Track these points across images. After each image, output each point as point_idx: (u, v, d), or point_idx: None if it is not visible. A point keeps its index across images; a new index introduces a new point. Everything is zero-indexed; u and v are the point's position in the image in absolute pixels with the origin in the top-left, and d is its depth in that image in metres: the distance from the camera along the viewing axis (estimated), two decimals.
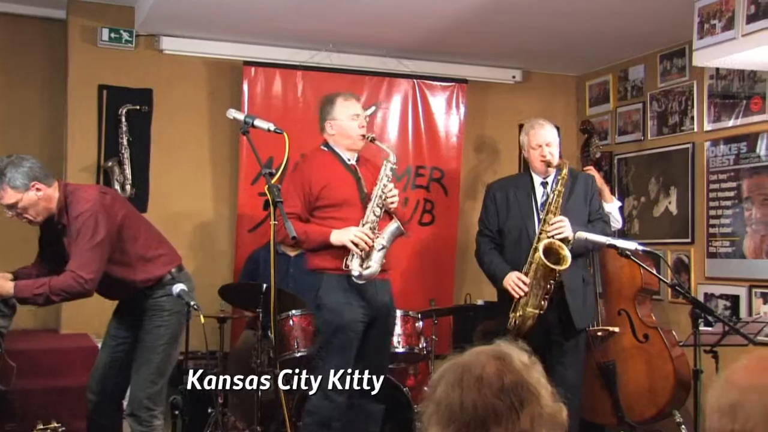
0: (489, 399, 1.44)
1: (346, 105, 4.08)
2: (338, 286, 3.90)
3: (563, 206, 4.17)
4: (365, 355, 4.00)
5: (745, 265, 4.93)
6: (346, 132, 4.05)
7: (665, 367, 4.75)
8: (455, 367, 1.51)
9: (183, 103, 5.56)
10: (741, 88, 5.00)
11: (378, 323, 4.01)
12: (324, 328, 3.94)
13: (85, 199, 3.59)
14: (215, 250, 5.59)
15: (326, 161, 4.05)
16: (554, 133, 4.36)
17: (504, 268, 4.27)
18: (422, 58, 5.95)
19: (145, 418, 3.73)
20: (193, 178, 5.59)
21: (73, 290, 3.51)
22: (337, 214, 3.92)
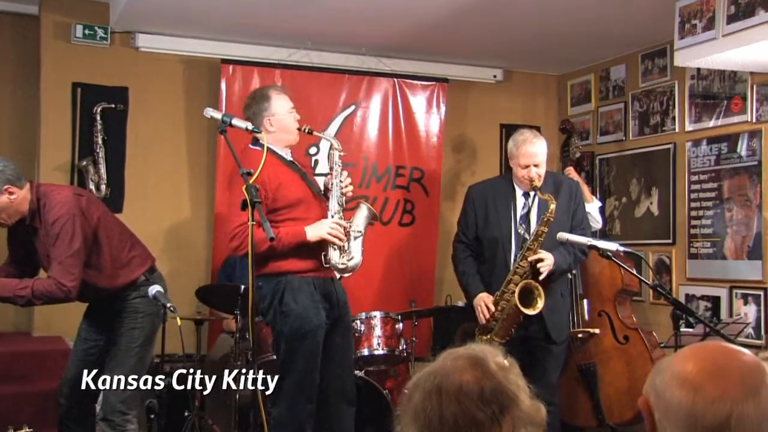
0: (470, 410, 1.43)
1: (283, 99, 3.94)
2: (305, 290, 3.79)
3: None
4: (333, 358, 3.95)
5: (726, 266, 4.98)
6: (286, 127, 3.92)
7: (646, 369, 4.77)
8: (432, 375, 1.48)
9: (159, 101, 5.53)
10: (722, 89, 5.05)
11: (341, 324, 3.96)
12: (290, 335, 3.78)
13: (60, 202, 3.55)
14: (192, 251, 5.57)
15: (269, 160, 3.74)
16: (545, 150, 4.22)
17: (475, 287, 4.26)
18: (403, 56, 5.95)
19: (119, 422, 3.70)
20: (170, 177, 5.56)
21: (54, 296, 3.50)
22: (294, 214, 3.80)
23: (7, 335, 5.32)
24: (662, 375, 1.35)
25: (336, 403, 3.99)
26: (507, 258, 4.23)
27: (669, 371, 1.35)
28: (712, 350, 1.40)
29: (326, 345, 3.90)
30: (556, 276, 4.16)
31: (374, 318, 4.68)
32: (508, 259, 4.22)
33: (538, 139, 4.23)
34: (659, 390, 1.35)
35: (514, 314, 4.10)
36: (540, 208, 4.23)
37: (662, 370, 1.37)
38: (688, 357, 1.36)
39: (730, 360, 1.35)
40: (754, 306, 4.79)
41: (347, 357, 4.03)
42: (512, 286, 4.09)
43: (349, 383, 4.03)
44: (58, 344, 4.89)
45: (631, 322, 4.98)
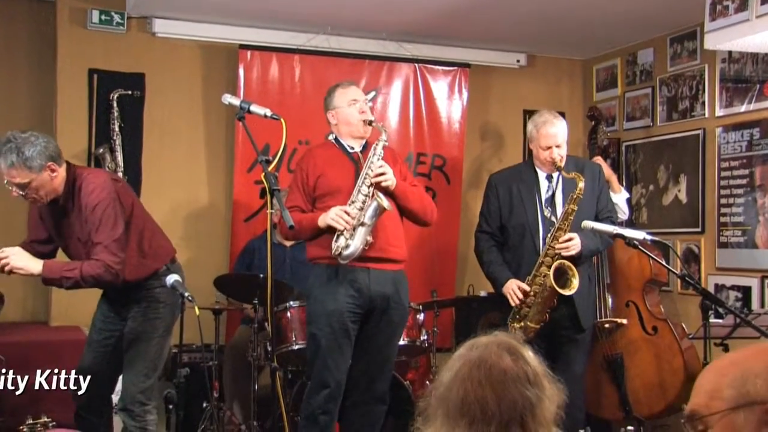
0: (522, 392, 1.49)
1: (344, 92, 4.10)
2: (325, 276, 3.92)
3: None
4: (365, 352, 3.98)
5: (757, 255, 4.91)
6: (346, 119, 4.06)
7: (674, 361, 4.74)
8: (470, 363, 1.53)
9: (176, 88, 5.54)
10: (754, 72, 4.98)
11: (374, 316, 3.98)
12: (308, 318, 4.00)
13: (100, 186, 3.58)
14: (210, 240, 5.58)
15: (326, 152, 4.09)
16: (565, 130, 4.31)
17: (504, 274, 4.28)
18: (424, 41, 5.92)
19: (139, 412, 3.72)
20: (187, 165, 5.57)
21: (103, 279, 3.54)
22: (332, 202, 3.92)
23: (24, 325, 5.35)
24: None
25: (362, 399, 4.01)
26: (536, 243, 4.23)
27: None
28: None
29: (359, 337, 3.97)
30: (583, 258, 4.16)
31: None
32: (537, 244, 4.23)
33: (558, 119, 4.29)
34: None
35: (548, 297, 4.10)
36: (564, 190, 4.25)
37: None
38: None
39: None
40: None
41: (380, 353, 4.03)
42: (544, 269, 4.11)
43: (380, 380, 4.04)
44: (75, 334, 4.92)
45: (660, 312, 4.94)
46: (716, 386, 1.28)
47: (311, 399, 3.92)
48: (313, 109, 5.48)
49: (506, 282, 4.24)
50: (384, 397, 4.07)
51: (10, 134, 3.48)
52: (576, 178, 4.11)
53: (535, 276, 4.16)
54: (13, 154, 3.41)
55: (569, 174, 4.15)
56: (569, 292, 4.09)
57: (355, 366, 3.97)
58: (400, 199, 4.00)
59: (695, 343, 4.53)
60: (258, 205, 5.45)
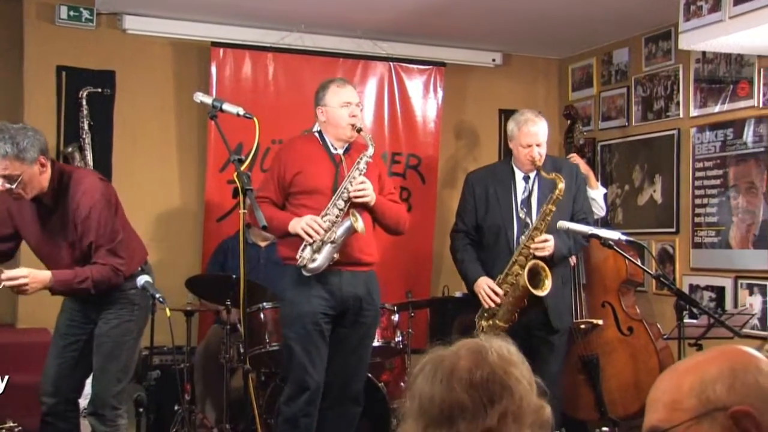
0: (458, 393, 1.47)
1: (338, 91, 4.03)
2: (298, 277, 3.89)
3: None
4: (339, 353, 3.98)
5: (731, 255, 4.97)
6: (335, 120, 4.00)
7: (650, 361, 4.79)
8: (433, 360, 1.54)
9: (147, 86, 5.50)
10: (727, 73, 5.04)
11: (347, 318, 3.98)
12: (281, 320, 3.99)
13: (92, 187, 3.56)
14: (182, 240, 5.55)
15: (308, 147, 4.03)
16: (545, 130, 4.33)
17: (476, 272, 4.30)
18: (398, 40, 5.93)
19: (110, 417, 3.68)
20: (159, 164, 5.54)
21: (113, 283, 3.56)
22: (308, 202, 3.91)
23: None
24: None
25: (337, 401, 4.01)
26: (510, 243, 4.26)
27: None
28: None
29: (332, 339, 3.97)
30: (555, 261, 4.19)
31: None
32: (511, 244, 4.25)
33: (539, 119, 4.33)
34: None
35: (519, 297, 4.12)
36: (541, 191, 4.28)
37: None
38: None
39: None
40: (760, 296, 4.79)
41: (354, 354, 4.03)
42: (517, 268, 4.13)
43: (355, 382, 4.05)
44: (43, 336, 4.86)
45: (635, 313, 4.98)
46: (675, 397, 1.26)
47: (292, 402, 3.89)
48: (287, 107, 5.49)
49: (478, 280, 4.26)
50: (359, 398, 4.07)
51: (2, 124, 3.40)
52: (556, 179, 4.12)
53: (507, 275, 4.18)
54: (8, 144, 3.32)
55: (549, 175, 4.16)
56: (541, 293, 4.10)
57: (329, 368, 3.97)
58: (377, 214, 4.01)
59: (670, 344, 4.58)
60: (231, 205, 5.42)
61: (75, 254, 3.58)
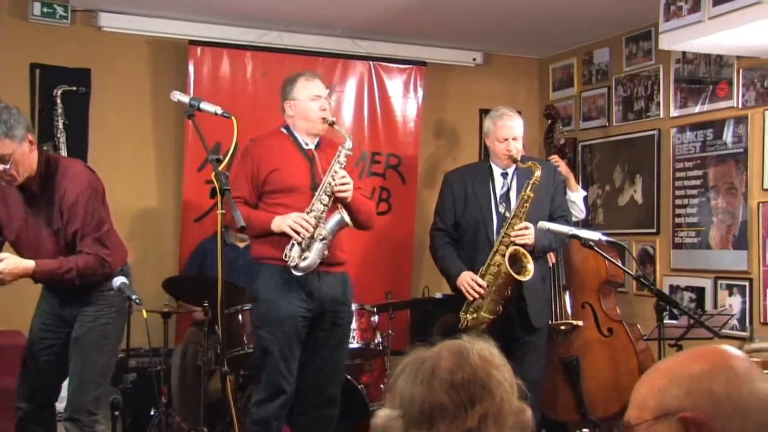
0: (438, 394, 1.48)
1: (307, 85, 4.02)
2: (277, 277, 3.87)
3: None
4: (316, 356, 3.98)
5: (711, 256, 5.03)
6: (305, 113, 3.99)
7: (630, 362, 4.83)
8: (414, 360, 1.55)
9: (124, 84, 5.48)
10: (707, 73, 5.09)
11: (325, 320, 3.98)
12: (259, 322, 3.95)
13: (80, 173, 3.56)
14: (159, 241, 5.54)
15: (279, 144, 4.00)
16: (521, 125, 4.43)
17: (458, 267, 4.33)
18: (379, 39, 5.94)
19: (87, 422, 3.64)
20: (135, 164, 5.52)
21: (98, 273, 3.54)
22: (286, 200, 3.89)
23: None
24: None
25: (313, 403, 4.00)
26: (490, 238, 4.30)
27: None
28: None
29: (308, 341, 3.95)
30: (536, 253, 4.22)
31: None
32: (491, 239, 4.29)
33: (514, 113, 4.46)
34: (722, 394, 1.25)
35: (502, 285, 4.15)
36: (519, 187, 4.33)
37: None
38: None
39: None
40: (739, 297, 4.84)
41: (331, 356, 4.04)
42: (498, 258, 4.16)
43: (333, 384, 4.04)
44: (16, 339, 4.83)
45: (615, 314, 5.02)
46: (644, 396, 1.30)
47: (265, 406, 3.88)
48: (265, 106, 5.48)
49: (460, 275, 4.29)
50: (336, 401, 4.07)
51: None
52: (532, 166, 4.20)
53: (489, 266, 4.21)
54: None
55: (525, 164, 4.22)
56: (524, 278, 4.13)
57: (306, 370, 3.97)
58: (353, 209, 3.99)
59: (650, 345, 4.62)
60: (208, 205, 5.41)
61: (59, 244, 3.55)
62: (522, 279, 4.13)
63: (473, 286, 4.21)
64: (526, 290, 4.25)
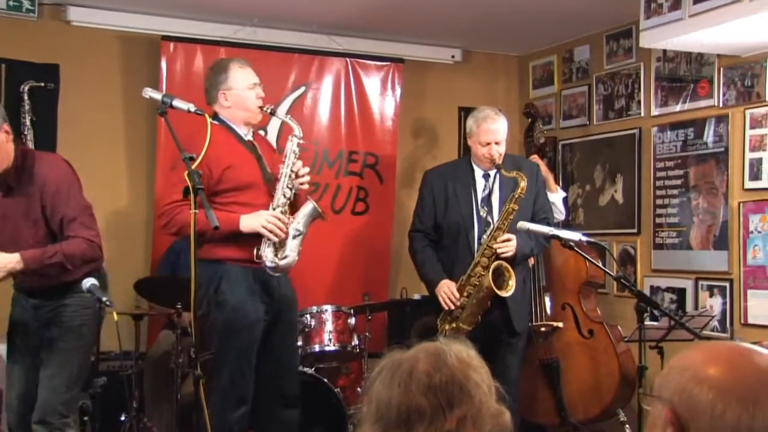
0: (416, 397, 1.48)
1: (244, 73, 3.93)
2: (243, 280, 3.79)
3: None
4: (273, 358, 3.93)
5: (692, 256, 5.07)
6: (243, 103, 3.90)
7: (610, 364, 4.86)
8: (391, 363, 1.55)
9: (94, 80, 5.45)
10: (688, 72, 5.14)
11: (282, 320, 3.95)
12: (224, 328, 3.79)
13: (58, 161, 3.65)
14: (130, 241, 5.50)
15: (222, 139, 3.80)
16: (505, 127, 4.40)
17: (437, 274, 4.33)
18: (356, 35, 5.94)
19: (58, 425, 3.62)
20: (106, 162, 5.48)
21: (87, 256, 3.56)
22: (241, 198, 3.80)
23: None
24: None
25: (273, 406, 3.97)
26: (470, 243, 4.30)
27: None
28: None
29: (264, 343, 3.89)
30: (517, 261, 4.24)
31: (325, 312, 4.69)
32: (471, 243, 4.29)
33: (499, 116, 4.37)
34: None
35: (483, 298, 4.16)
36: (502, 189, 4.33)
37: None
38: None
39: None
40: (720, 298, 4.89)
41: (287, 356, 4.02)
42: (479, 269, 4.17)
43: (289, 385, 4.02)
44: None
45: (596, 315, 5.06)
46: (661, 374, 1.33)
47: (229, 415, 3.79)
48: None
49: (439, 283, 4.29)
50: (297, 401, 4.04)
51: None
52: (518, 177, 4.18)
53: (469, 276, 4.22)
54: None
55: (510, 173, 4.21)
56: (506, 294, 4.16)
57: (263, 373, 3.90)
58: (300, 200, 3.97)
59: (631, 346, 4.66)
60: None
61: (38, 234, 3.56)
62: (503, 294, 4.15)
63: (450, 297, 4.22)
64: (508, 296, 4.26)
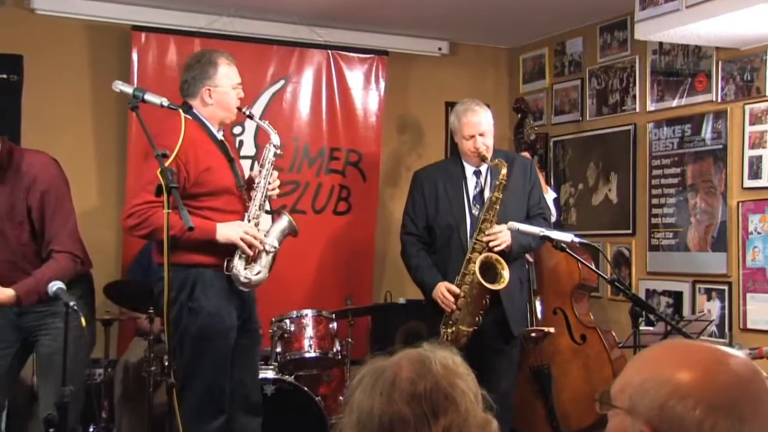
0: (399, 406, 1.48)
1: (231, 71, 3.89)
2: (218, 286, 3.76)
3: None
4: (236, 362, 3.92)
5: (689, 258, 5.09)
6: (227, 104, 3.86)
7: (604, 371, 4.87)
8: (373, 370, 1.55)
9: (61, 72, 5.41)
10: (685, 65, 5.16)
11: (248, 324, 3.96)
12: (198, 335, 3.74)
13: (49, 162, 3.65)
14: (99, 243, 5.44)
15: (196, 136, 3.73)
16: (489, 119, 4.39)
17: (433, 278, 4.31)
18: (338, 26, 5.93)
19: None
20: (73, 159, 5.40)
21: (71, 272, 3.62)
22: (215, 203, 3.76)
23: None
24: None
25: (237, 413, 3.95)
26: (463, 243, 4.29)
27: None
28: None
29: (234, 352, 3.89)
30: (515, 254, 4.23)
31: (305, 317, 4.68)
32: (465, 244, 4.29)
33: (480, 107, 4.38)
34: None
35: (477, 296, 4.15)
36: (493, 185, 4.31)
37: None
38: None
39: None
40: (718, 302, 4.91)
41: (252, 361, 4.02)
42: (472, 266, 4.15)
43: (254, 391, 4.02)
44: None
45: (589, 320, 5.07)
46: (628, 381, 1.33)
47: (205, 427, 3.75)
48: None
49: (436, 286, 4.28)
50: (258, 409, 4.03)
51: None
52: (499, 164, 4.18)
53: (464, 275, 4.20)
54: None
55: (493, 162, 4.22)
56: (499, 287, 4.13)
57: (233, 381, 3.89)
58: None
59: (625, 352, 4.67)
60: None
61: (23, 236, 3.57)
62: (496, 288, 4.13)
63: (447, 296, 4.21)
64: (503, 295, 4.24)
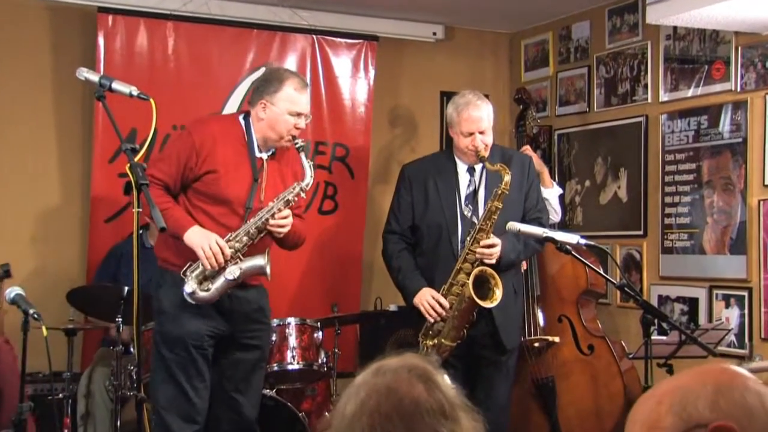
0: (437, 427, 1.49)
1: (294, 97, 3.94)
2: (180, 287, 3.81)
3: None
4: (226, 377, 3.96)
5: (705, 261, 5.10)
6: (274, 126, 3.93)
7: (613, 384, 4.88)
8: (377, 392, 1.53)
9: (18, 58, 5.40)
10: (701, 52, 5.17)
11: (238, 341, 3.98)
12: (158, 338, 3.87)
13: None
14: (62, 245, 5.46)
15: (227, 139, 3.90)
16: (491, 115, 4.38)
17: (416, 282, 4.32)
18: (323, 9, 5.93)
19: None
20: (33, 153, 5.43)
21: None
22: (210, 209, 3.85)
23: None
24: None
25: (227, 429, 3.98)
26: (453, 246, 4.29)
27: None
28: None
29: (220, 361, 3.94)
30: (501, 268, 4.23)
31: (288, 326, 4.68)
32: (454, 247, 4.29)
33: (482, 101, 4.37)
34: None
35: (466, 310, 4.15)
36: (488, 185, 4.33)
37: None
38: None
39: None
40: (737, 309, 4.92)
41: (247, 378, 4.04)
42: (462, 276, 4.16)
43: (247, 409, 4.04)
44: None
45: (596, 328, 5.07)
46: (654, 416, 1.35)
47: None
48: (190, 86, 5.45)
49: (419, 292, 4.28)
50: (252, 427, 4.06)
51: None
52: (501, 170, 4.17)
53: (451, 285, 4.21)
54: None
55: (494, 166, 4.21)
56: (490, 305, 4.14)
57: (220, 395, 3.95)
58: (282, 240, 4.04)
59: (636, 364, 4.67)
60: (122, 203, 5.35)
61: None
62: (486, 305, 4.14)
63: (434, 306, 4.21)
64: (495, 308, 4.25)
